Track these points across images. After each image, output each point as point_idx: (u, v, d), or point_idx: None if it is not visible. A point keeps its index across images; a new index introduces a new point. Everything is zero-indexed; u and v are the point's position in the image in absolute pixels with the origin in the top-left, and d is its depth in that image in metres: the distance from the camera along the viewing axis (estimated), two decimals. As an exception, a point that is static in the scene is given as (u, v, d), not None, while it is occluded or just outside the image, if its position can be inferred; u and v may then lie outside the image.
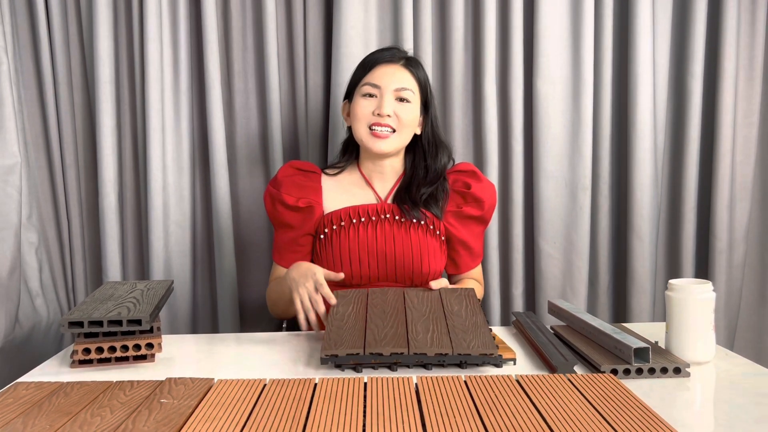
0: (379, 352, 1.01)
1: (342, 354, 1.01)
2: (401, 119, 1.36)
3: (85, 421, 0.81)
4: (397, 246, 1.36)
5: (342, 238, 1.36)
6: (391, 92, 1.35)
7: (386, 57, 1.39)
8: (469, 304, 1.19)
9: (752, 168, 1.82)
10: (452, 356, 1.00)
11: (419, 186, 1.40)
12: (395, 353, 1.01)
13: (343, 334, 1.07)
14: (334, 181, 1.45)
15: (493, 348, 1.01)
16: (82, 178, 1.78)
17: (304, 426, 0.78)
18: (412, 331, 1.06)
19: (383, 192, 1.43)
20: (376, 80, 1.37)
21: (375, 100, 1.36)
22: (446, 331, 1.06)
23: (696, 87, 1.75)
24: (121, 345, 1.07)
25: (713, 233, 1.78)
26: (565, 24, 1.74)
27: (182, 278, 1.75)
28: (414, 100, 1.38)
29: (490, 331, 1.08)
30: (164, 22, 1.68)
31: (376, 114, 1.35)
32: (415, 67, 1.41)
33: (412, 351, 1.01)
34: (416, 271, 1.36)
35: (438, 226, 1.39)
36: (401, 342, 1.03)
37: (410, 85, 1.38)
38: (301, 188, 1.40)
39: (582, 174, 1.76)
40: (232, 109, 1.78)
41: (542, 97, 1.74)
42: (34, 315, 1.64)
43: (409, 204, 1.38)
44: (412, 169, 1.44)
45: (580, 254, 1.77)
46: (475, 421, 0.78)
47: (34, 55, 1.72)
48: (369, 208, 1.39)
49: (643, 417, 0.79)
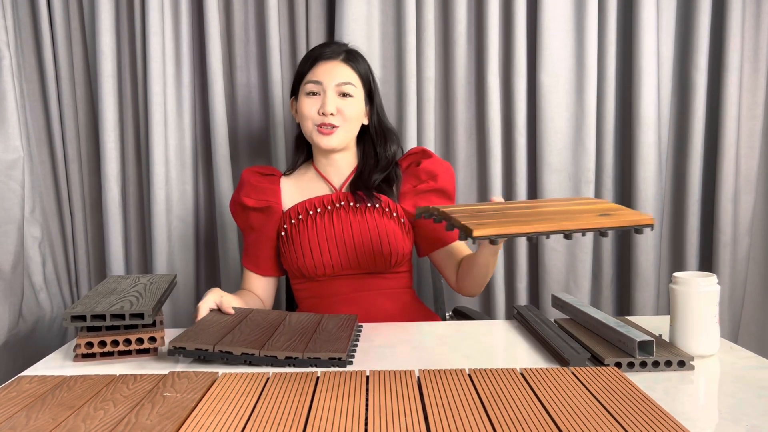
0: (229, 351, 1.02)
1: (190, 348, 1.02)
2: (345, 114, 1.37)
3: (89, 415, 0.81)
4: (355, 231, 1.37)
5: (301, 231, 1.38)
6: (332, 88, 1.37)
7: (326, 54, 1.40)
8: (345, 324, 1.19)
9: (756, 161, 1.81)
10: (302, 359, 1.01)
11: (371, 173, 1.42)
12: (246, 354, 1.01)
13: (200, 334, 1.08)
14: (292, 180, 1.47)
15: (342, 353, 1.01)
16: (84, 172, 1.78)
17: (306, 419, 0.78)
18: (273, 339, 1.07)
19: (339, 184, 1.44)
20: (317, 77, 1.38)
21: (318, 98, 1.37)
22: (306, 341, 1.07)
23: (700, 80, 1.74)
24: (124, 339, 1.07)
25: (717, 226, 1.78)
26: (568, 16, 1.73)
27: (185, 272, 1.75)
28: (357, 94, 1.39)
29: (349, 340, 1.09)
30: (166, 15, 1.68)
31: (321, 113, 1.36)
32: (355, 60, 1.42)
33: (263, 353, 1.01)
34: (377, 253, 1.36)
35: (394, 208, 1.39)
36: (256, 345, 1.04)
37: (352, 79, 1.39)
38: (260, 191, 1.42)
39: (586, 167, 1.75)
40: (235, 102, 1.77)
41: (546, 90, 1.74)
42: (37, 309, 1.64)
43: (362, 190, 1.39)
44: (363, 157, 1.46)
45: (583, 248, 1.77)
46: (480, 413, 0.78)
47: (36, 49, 1.72)
48: (324, 199, 1.40)
49: (647, 410, 0.79)
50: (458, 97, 1.76)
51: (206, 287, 1.81)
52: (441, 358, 1.07)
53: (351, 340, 1.10)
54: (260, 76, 1.77)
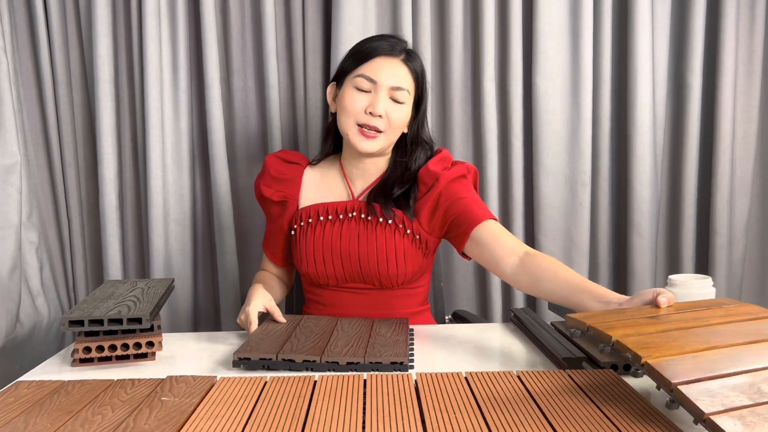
0: (291, 359, 1.02)
1: (255, 358, 1.03)
2: (391, 120, 1.28)
3: (87, 420, 0.81)
4: (361, 246, 1.30)
5: (308, 235, 1.33)
6: (386, 90, 1.28)
7: (385, 48, 1.30)
8: (398, 328, 1.19)
9: (752, 163, 1.82)
10: (363, 364, 1.01)
11: (394, 183, 1.33)
12: (307, 360, 1.02)
13: (262, 343, 1.09)
14: (316, 173, 1.40)
15: (404, 357, 1.01)
16: (82, 177, 1.78)
17: (304, 422, 0.78)
18: (330, 345, 1.08)
19: (360, 189, 1.37)
20: (372, 74, 1.28)
21: (368, 96, 1.28)
22: (365, 345, 1.08)
23: (695, 82, 1.75)
24: (122, 343, 1.07)
25: (713, 228, 1.78)
26: (564, 20, 1.74)
27: (183, 276, 1.75)
28: (407, 101, 1.31)
29: (407, 344, 1.09)
30: (163, 20, 1.68)
31: (368, 112, 1.27)
32: (414, 61, 1.33)
33: (324, 360, 1.02)
34: (382, 272, 1.30)
35: (409, 225, 1.31)
36: (316, 352, 1.04)
37: (406, 84, 1.30)
38: (280, 181, 1.37)
39: (582, 170, 1.76)
40: (232, 107, 1.78)
41: (542, 93, 1.74)
42: (35, 314, 1.64)
43: (380, 201, 1.31)
44: (393, 165, 1.37)
45: (580, 250, 1.77)
46: (476, 416, 0.79)
47: (33, 54, 1.72)
48: (338, 206, 1.34)
49: (644, 413, 0.79)
50: (454, 101, 1.77)
51: (204, 291, 1.81)
52: (438, 361, 1.08)
53: (408, 343, 1.10)
54: (257, 81, 1.77)
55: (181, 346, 1.20)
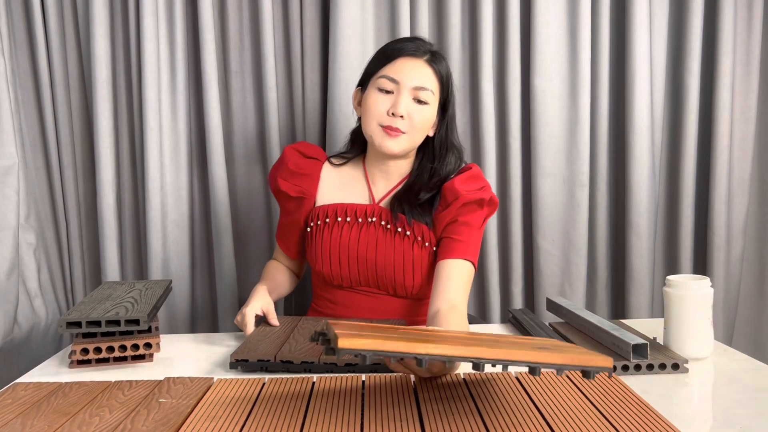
0: (289, 360, 1.02)
1: (252, 359, 1.03)
2: (414, 120, 1.26)
3: (84, 421, 0.81)
4: (379, 253, 1.30)
5: (325, 235, 1.32)
6: (408, 90, 1.25)
7: (409, 50, 1.28)
8: None
9: (749, 164, 1.82)
10: (362, 366, 1.01)
11: (420, 189, 1.31)
12: (305, 362, 1.02)
13: (259, 345, 1.09)
14: (335, 172, 1.39)
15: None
16: (79, 178, 1.78)
17: (302, 424, 0.78)
18: None
19: (381, 193, 1.35)
20: (394, 74, 1.26)
21: (390, 97, 1.26)
22: None
23: (693, 83, 1.75)
24: (119, 345, 1.07)
25: (711, 229, 1.79)
26: (561, 21, 1.74)
27: (181, 278, 1.75)
28: (432, 102, 1.28)
29: None
30: (161, 21, 1.68)
31: (390, 113, 1.25)
32: (439, 62, 1.30)
33: (322, 361, 1.02)
34: (398, 282, 1.30)
35: (428, 237, 1.29)
36: (314, 353, 1.04)
37: (431, 84, 1.27)
38: (298, 176, 1.35)
39: (580, 171, 1.76)
40: (230, 108, 1.78)
41: (539, 94, 1.74)
42: (32, 316, 1.64)
43: (403, 209, 1.30)
44: (418, 170, 1.34)
45: (578, 251, 1.77)
46: (475, 418, 0.79)
47: (30, 55, 1.72)
48: (358, 209, 1.32)
49: (641, 413, 0.79)
50: (453, 102, 1.77)
51: (201, 293, 1.81)
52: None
53: None
54: (255, 82, 1.77)
55: (178, 347, 1.20)
